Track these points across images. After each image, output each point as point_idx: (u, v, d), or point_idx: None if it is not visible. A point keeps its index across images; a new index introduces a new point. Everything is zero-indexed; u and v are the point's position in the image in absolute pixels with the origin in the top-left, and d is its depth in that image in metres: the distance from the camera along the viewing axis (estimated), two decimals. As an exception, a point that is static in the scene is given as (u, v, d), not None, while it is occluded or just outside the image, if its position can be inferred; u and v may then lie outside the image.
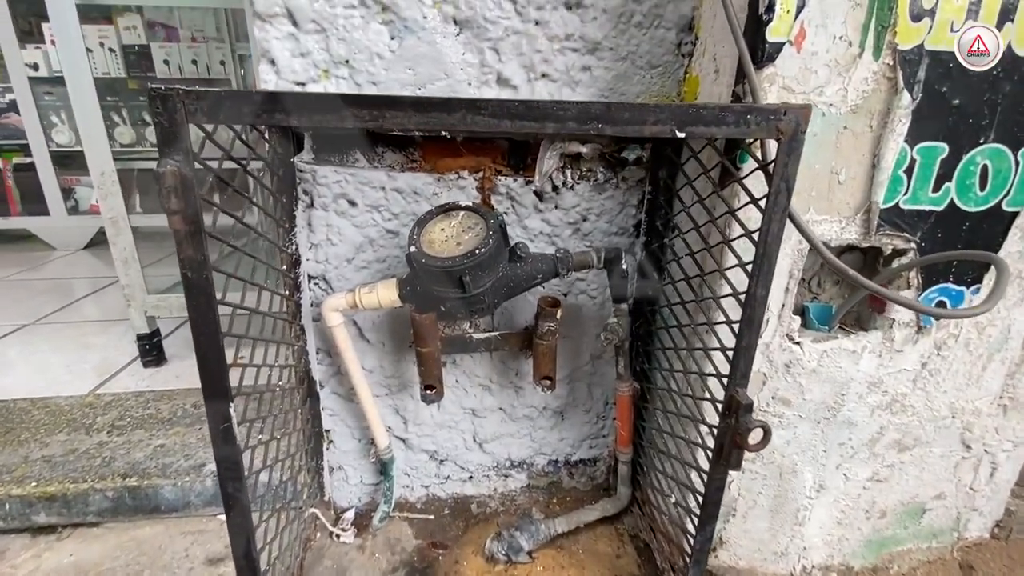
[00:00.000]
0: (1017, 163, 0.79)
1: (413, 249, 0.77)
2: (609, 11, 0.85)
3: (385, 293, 0.86)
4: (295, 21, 0.81)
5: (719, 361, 0.75)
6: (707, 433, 0.79)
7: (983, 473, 1.03)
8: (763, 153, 0.66)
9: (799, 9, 0.69)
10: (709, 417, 0.79)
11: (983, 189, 0.80)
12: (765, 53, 0.70)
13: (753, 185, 0.68)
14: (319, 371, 1.01)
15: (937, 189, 0.79)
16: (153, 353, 1.59)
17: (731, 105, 0.59)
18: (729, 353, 0.71)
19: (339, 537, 1.04)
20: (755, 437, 0.69)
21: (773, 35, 0.69)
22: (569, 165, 0.94)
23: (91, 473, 1.09)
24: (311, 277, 0.96)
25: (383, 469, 1.07)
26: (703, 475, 0.77)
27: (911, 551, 1.06)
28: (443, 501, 1.16)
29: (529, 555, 1.00)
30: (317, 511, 1.04)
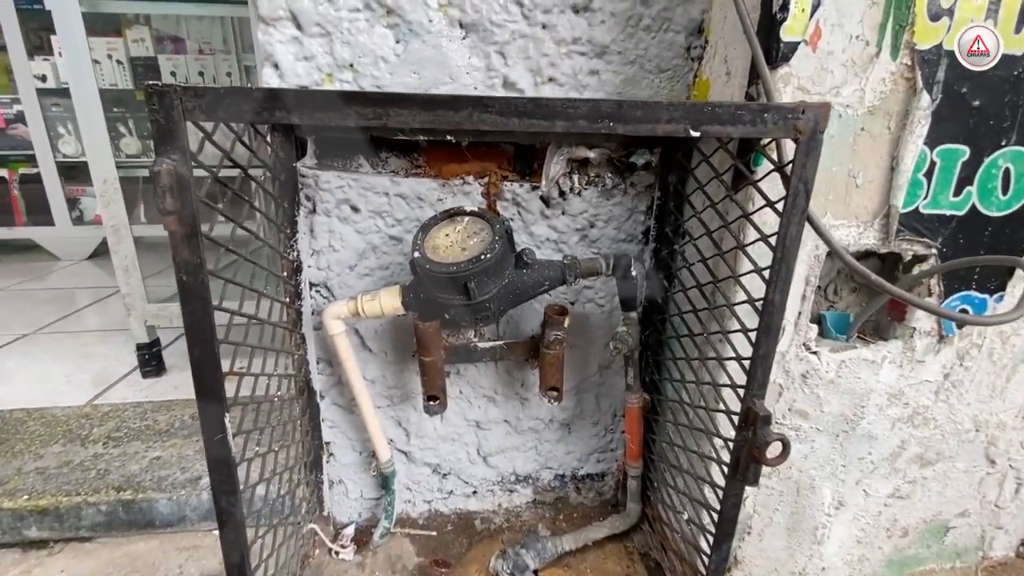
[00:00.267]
0: (1040, 166, 0.76)
1: (417, 255, 0.75)
2: (617, 14, 0.84)
3: (388, 300, 0.84)
4: (299, 24, 0.80)
5: (734, 371, 0.72)
6: (722, 447, 0.76)
7: (1008, 489, 0.99)
8: (779, 154, 0.64)
9: (814, 8, 0.67)
10: (724, 430, 0.75)
11: (1005, 193, 0.78)
12: (779, 53, 0.68)
13: (768, 188, 0.66)
14: (320, 381, 0.99)
15: (958, 193, 0.77)
16: (153, 363, 1.57)
17: (747, 103, 0.57)
18: (745, 362, 0.68)
19: (338, 554, 1.00)
20: (773, 451, 0.66)
21: (788, 34, 0.67)
22: (576, 170, 0.92)
23: (85, 486, 1.06)
24: (312, 284, 0.94)
25: (384, 483, 1.03)
26: (718, 491, 0.74)
27: (934, 571, 1.02)
28: (446, 517, 1.12)
29: (535, 574, 0.96)
30: (316, 526, 1.01)
